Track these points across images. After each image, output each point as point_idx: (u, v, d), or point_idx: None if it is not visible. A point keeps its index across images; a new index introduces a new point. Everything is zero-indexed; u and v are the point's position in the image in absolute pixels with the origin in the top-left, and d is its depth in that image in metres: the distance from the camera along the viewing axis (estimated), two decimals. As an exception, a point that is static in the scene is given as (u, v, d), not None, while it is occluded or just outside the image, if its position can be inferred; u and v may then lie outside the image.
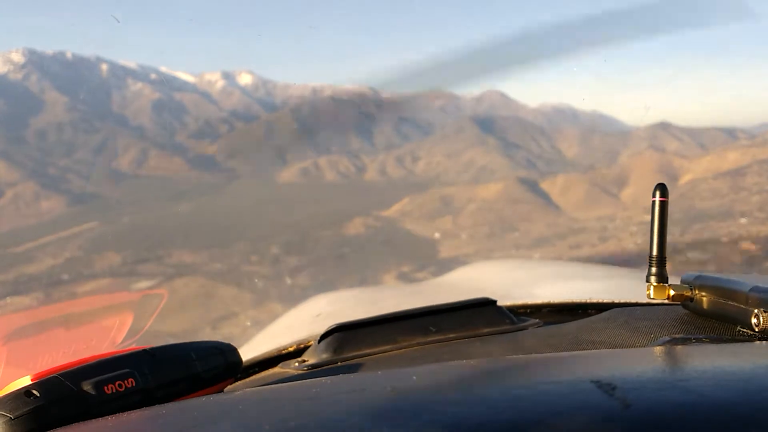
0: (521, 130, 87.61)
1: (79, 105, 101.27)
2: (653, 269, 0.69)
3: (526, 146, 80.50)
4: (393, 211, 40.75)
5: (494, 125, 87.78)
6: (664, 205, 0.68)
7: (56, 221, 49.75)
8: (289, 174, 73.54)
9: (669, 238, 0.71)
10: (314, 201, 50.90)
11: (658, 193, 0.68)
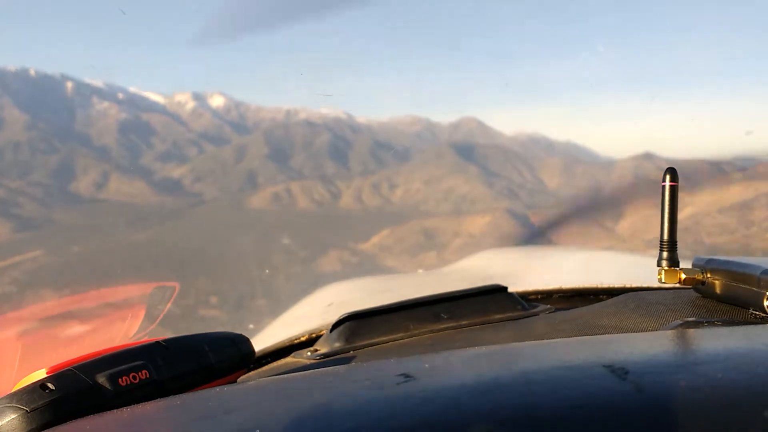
0: (501, 159, 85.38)
1: (39, 123, 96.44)
2: (664, 253, 0.69)
3: (507, 175, 78.13)
4: (371, 244, 37.14)
5: (473, 153, 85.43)
6: (674, 190, 0.68)
7: (-3, 249, 45.17)
8: (259, 200, 69.67)
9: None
10: (285, 230, 46.95)
11: (668, 177, 0.68)
